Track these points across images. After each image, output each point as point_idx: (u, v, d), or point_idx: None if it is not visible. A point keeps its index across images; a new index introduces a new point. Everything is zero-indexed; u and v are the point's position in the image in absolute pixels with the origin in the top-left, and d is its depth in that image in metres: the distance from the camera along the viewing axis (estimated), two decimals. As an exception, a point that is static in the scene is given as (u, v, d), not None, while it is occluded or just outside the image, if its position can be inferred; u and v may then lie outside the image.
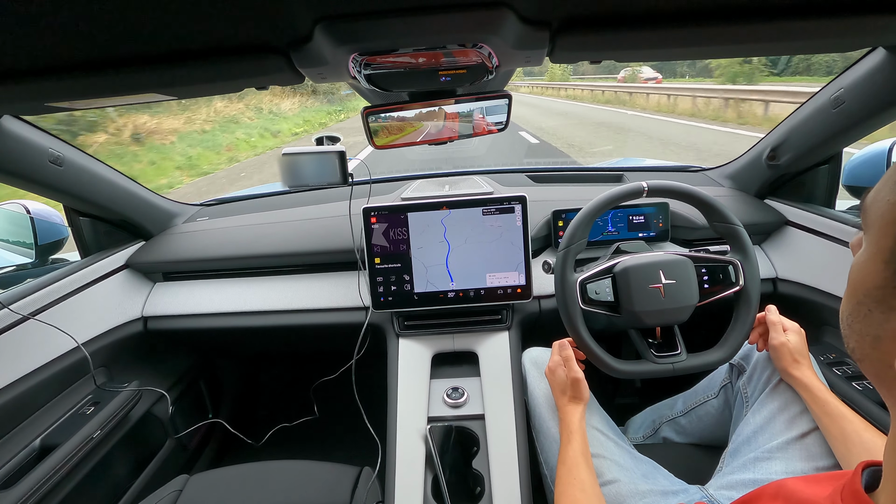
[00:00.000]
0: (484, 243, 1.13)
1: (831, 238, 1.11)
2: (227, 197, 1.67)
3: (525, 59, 0.65)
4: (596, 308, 0.92)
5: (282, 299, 1.28)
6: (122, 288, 1.30)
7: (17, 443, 0.95)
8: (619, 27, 0.53)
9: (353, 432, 1.26)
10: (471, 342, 1.17)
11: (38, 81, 0.56)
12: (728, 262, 0.93)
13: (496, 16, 0.50)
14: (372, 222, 1.12)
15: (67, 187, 1.11)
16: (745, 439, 0.85)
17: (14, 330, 0.98)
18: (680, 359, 0.91)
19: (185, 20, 0.47)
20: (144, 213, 1.36)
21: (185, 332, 1.33)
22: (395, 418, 1.03)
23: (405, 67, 0.66)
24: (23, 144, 0.96)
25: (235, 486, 0.96)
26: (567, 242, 0.93)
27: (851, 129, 1.03)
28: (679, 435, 1.10)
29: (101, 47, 0.51)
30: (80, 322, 1.13)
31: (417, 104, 0.84)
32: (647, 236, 1.29)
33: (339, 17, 0.49)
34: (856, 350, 0.37)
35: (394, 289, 1.15)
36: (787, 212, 1.26)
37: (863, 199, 0.37)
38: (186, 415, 1.43)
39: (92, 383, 1.14)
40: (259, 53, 0.55)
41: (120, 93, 0.63)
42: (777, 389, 0.87)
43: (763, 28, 0.54)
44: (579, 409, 0.87)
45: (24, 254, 1.42)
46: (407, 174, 1.62)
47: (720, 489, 0.81)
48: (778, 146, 1.22)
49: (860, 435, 0.73)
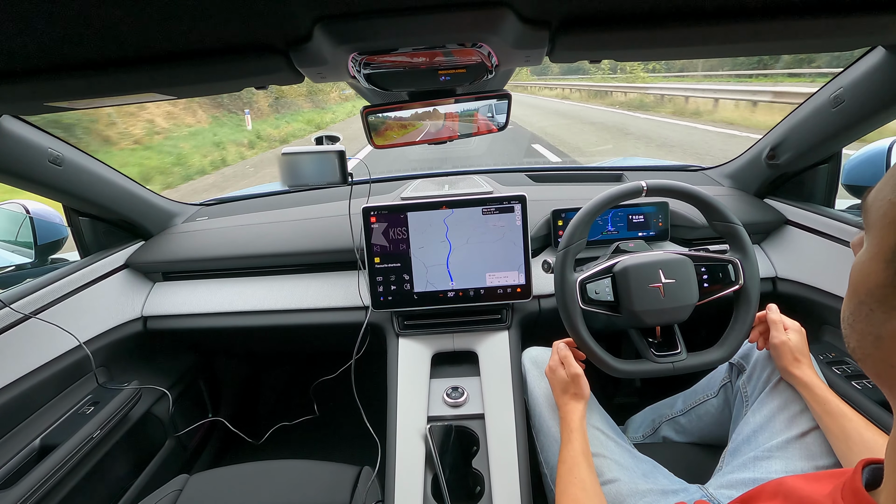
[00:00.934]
0: (484, 243, 1.13)
1: (831, 237, 1.11)
2: (226, 196, 1.68)
3: (524, 58, 0.65)
4: (596, 308, 0.92)
5: (281, 299, 1.28)
6: (122, 288, 1.30)
7: (18, 442, 0.95)
8: (618, 27, 0.53)
9: (353, 431, 1.26)
10: (471, 342, 1.17)
11: (38, 81, 0.56)
12: (728, 262, 0.93)
13: (496, 15, 0.50)
14: (371, 222, 1.12)
15: (67, 187, 1.11)
16: (745, 438, 0.85)
17: (15, 329, 0.98)
18: (680, 358, 0.91)
19: (184, 20, 0.47)
20: (144, 213, 1.36)
21: (184, 332, 1.33)
22: (394, 418, 1.03)
23: (405, 67, 0.66)
24: (22, 144, 0.96)
25: (235, 486, 0.96)
26: (567, 242, 0.93)
27: (851, 128, 1.03)
28: (679, 434, 1.10)
29: (100, 47, 0.51)
30: (80, 321, 1.13)
31: (417, 103, 0.84)
32: (647, 236, 1.29)
33: (338, 17, 0.49)
34: (857, 350, 0.36)
35: (393, 288, 1.15)
36: (787, 211, 1.26)
37: (864, 198, 0.37)
38: (186, 414, 1.43)
39: (92, 383, 1.14)
40: (258, 53, 0.55)
41: (119, 93, 0.63)
42: (777, 388, 0.87)
43: (762, 27, 0.54)
44: (580, 408, 0.87)
45: (24, 253, 1.42)
46: (406, 174, 1.63)
47: (720, 488, 0.81)
48: (777, 145, 1.22)
49: (861, 433, 0.73)
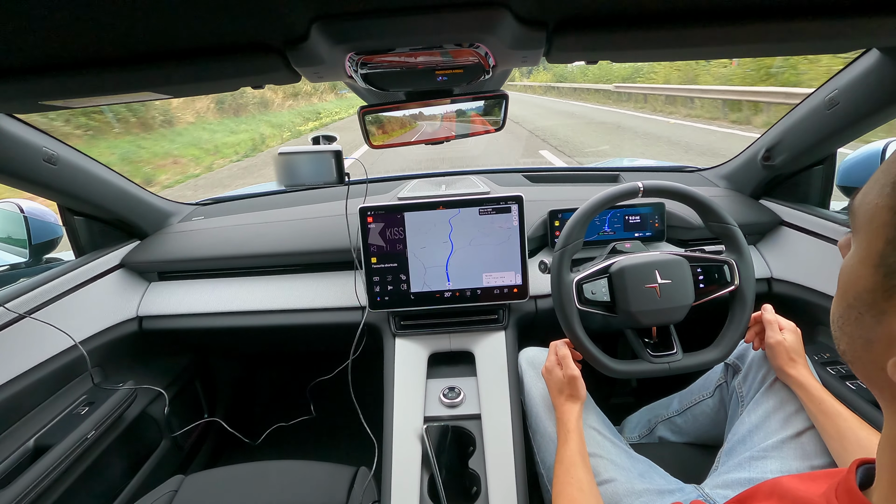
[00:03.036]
0: (481, 244, 1.13)
1: (826, 238, 1.11)
2: (222, 196, 1.67)
3: (522, 58, 0.65)
4: (592, 308, 0.92)
5: (278, 299, 1.27)
6: (117, 287, 1.29)
7: (12, 443, 0.95)
8: (616, 27, 0.53)
9: (349, 432, 1.26)
10: (467, 342, 1.17)
11: (33, 80, 0.56)
12: (723, 262, 0.93)
13: (493, 15, 0.50)
14: (368, 222, 1.12)
15: (62, 186, 1.10)
16: (741, 438, 0.86)
17: (10, 329, 0.97)
18: (676, 358, 0.91)
19: (180, 19, 0.47)
20: (139, 213, 1.36)
21: (180, 332, 1.33)
22: (391, 418, 1.02)
23: (402, 67, 0.66)
24: (17, 143, 0.95)
25: (231, 487, 0.96)
26: (563, 242, 0.93)
27: (845, 130, 1.04)
28: (675, 434, 1.10)
29: (95, 46, 0.51)
30: (75, 321, 1.13)
31: (414, 104, 0.84)
32: (643, 236, 1.30)
33: (335, 17, 0.49)
34: (847, 352, 0.36)
35: (390, 289, 1.15)
36: (782, 212, 1.27)
37: (850, 200, 0.37)
38: (182, 414, 1.43)
39: (87, 383, 1.13)
40: (255, 52, 0.55)
41: (114, 91, 0.63)
42: (772, 388, 0.87)
43: (759, 29, 0.54)
44: (576, 408, 0.87)
45: (18, 253, 1.41)
46: (403, 174, 1.63)
47: (716, 488, 0.81)
48: (773, 147, 1.23)
49: (856, 433, 0.73)
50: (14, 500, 0.85)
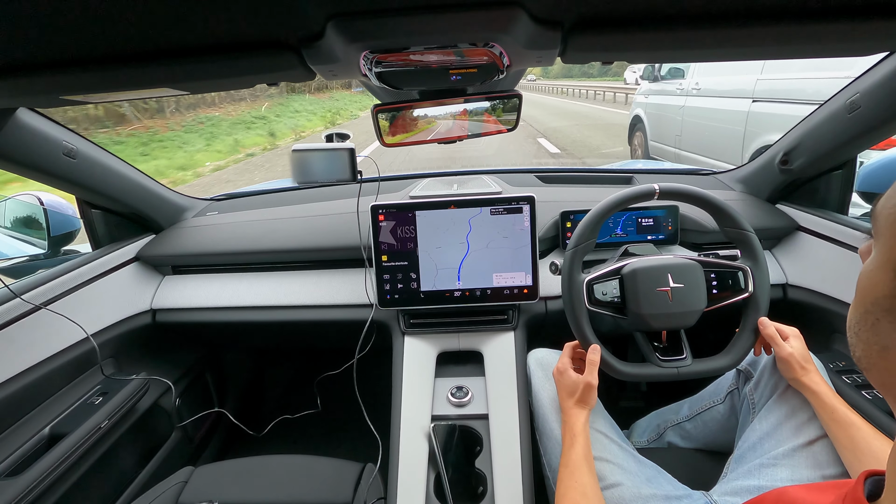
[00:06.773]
0: (494, 245, 1.13)
1: (844, 245, 1.09)
2: (236, 192, 1.69)
3: (536, 58, 0.65)
4: (602, 309, 0.92)
5: (289, 295, 1.28)
6: (132, 280, 1.31)
7: (27, 431, 0.97)
8: (631, 28, 0.53)
9: (355, 428, 1.27)
10: (476, 342, 1.16)
11: (54, 75, 0.57)
12: (738, 269, 0.92)
13: (508, 15, 0.50)
14: (380, 220, 1.12)
15: (80, 180, 1.12)
16: (751, 445, 0.85)
17: (26, 319, 0.99)
18: (685, 363, 0.90)
19: (198, 16, 0.48)
20: (155, 207, 1.38)
21: (192, 325, 1.34)
22: (398, 415, 1.03)
23: (416, 66, 0.67)
24: (37, 137, 0.97)
25: (240, 480, 0.97)
26: (575, 242, 0.92)
27: (866, 134, 1.02)
28: (684, 440, 1.09)
29: (115, 42, 0.52)
30: (90, 313, 1.15)
31: (428, 103, 0.84)
32: (656, 239, 1.28)
33: (351, 15, 0.49)
34: (862, 359, 0.36)
35: (400, 287, 1.15)
36: (799, 217, 1.24)
37: (873, 205, 0.36)
38: (192, 406, 1.44)
39: (100, 374, 1.15)
40: (271, 50, 0.55)
41: (133, 87, 0.64)
42: (784, 396, 0.86)
43: (778, 30, 0.53)
44: (584, 414, 0.87)
45: (37, 244, 1.44)
46: (416, 173, 1.63)
47: (724, 495, 0.80)
48: (791, 150, 1.20)
49: (869, 443, 0.72)
50: (30, 485, 0.87)
